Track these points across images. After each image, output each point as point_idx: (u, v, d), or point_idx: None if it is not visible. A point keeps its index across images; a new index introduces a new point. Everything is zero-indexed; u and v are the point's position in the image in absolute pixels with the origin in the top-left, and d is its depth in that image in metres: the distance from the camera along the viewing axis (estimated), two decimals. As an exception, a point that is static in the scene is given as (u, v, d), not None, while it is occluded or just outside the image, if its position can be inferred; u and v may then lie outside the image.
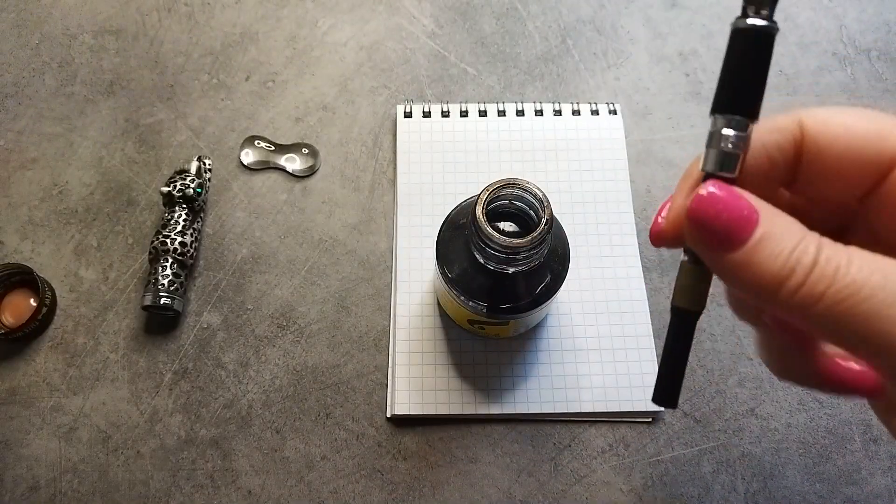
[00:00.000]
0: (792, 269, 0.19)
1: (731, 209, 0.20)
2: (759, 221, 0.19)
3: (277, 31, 0.55)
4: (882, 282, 0.18)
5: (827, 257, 0.18)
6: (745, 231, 0.19)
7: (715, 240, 0.20)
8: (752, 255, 0.19)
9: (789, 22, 0.56)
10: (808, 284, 0.18)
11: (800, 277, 0.18)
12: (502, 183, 0.35)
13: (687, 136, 0.52)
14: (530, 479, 0.42)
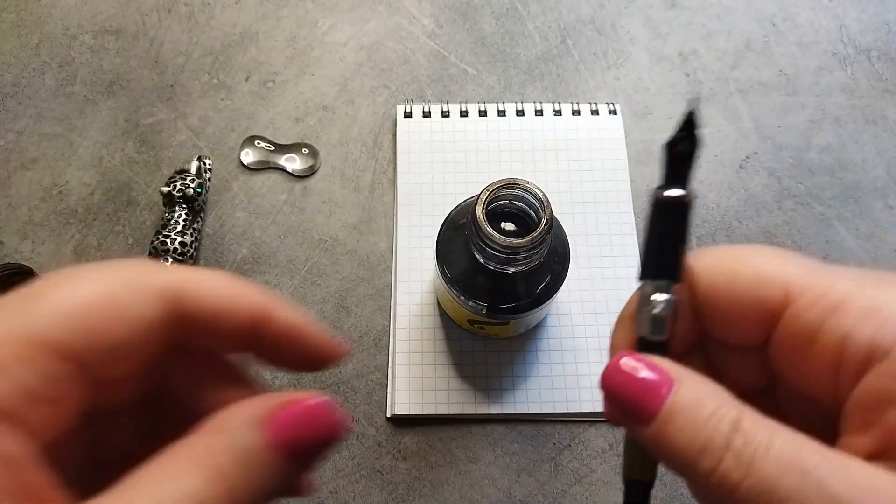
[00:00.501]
0: (702, 448, 0.17)
1: (639, 382, 0.19)
2: (669, 394, 0.18)
3: (277, 31, 0.55)
4: (797, 484, 0.16)
5: (745, 438, 0.17)
6: (654, 405, 0.18)
7: (626, 413, 0.19)
8: (661, 431, 0.18)
9: (789, 22, 0.56)
10: (722, 470, 0.17)
11: (712, 459, 0.17)
12: (502, 183, 0.35)
13: (687, 136, 0.52)
14: (530, 479, 0.42)
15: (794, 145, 0.51)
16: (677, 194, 0.20)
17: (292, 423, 0.17)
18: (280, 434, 0.16)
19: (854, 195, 0.50)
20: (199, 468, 0.15)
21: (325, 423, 0.17)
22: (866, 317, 0.18)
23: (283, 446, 0.16)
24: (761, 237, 0.48)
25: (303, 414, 0.17)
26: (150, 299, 0.17)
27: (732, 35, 0.56)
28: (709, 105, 0.53)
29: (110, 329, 0.16)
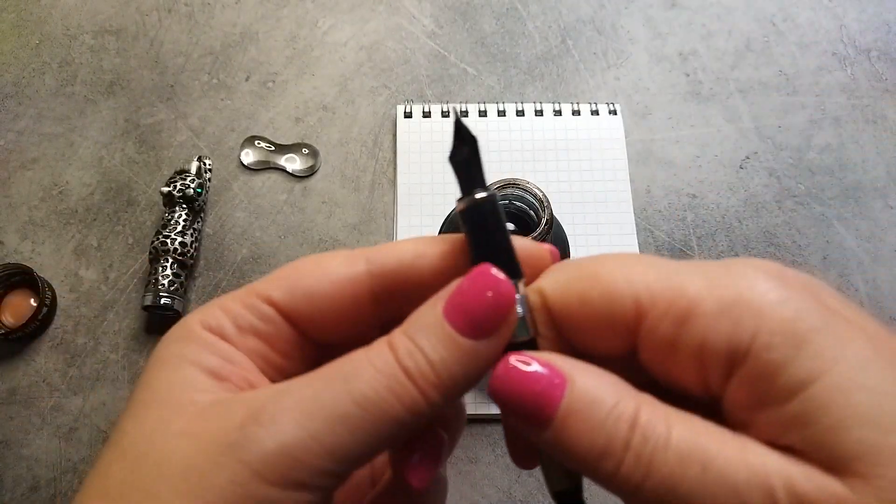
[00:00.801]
0: (602, 450, 0.17)
1: (532, 384, 0.18)
2: (563, 394, 0.18)
3: (277, 31, 0.55)
4: (698, 479, 0.16)
5: (643, 434, 0.17)
6: (550, 408, 0.18)
7: (522, 418, 0.19)
8: (560, 435, 0.18)
9: (789, 22, 0.56)
10: (624, 471, 0.17)
11: (613, 461, 0.17)
12: (502, 183, 0.35)
13: (687, 136, 0.52)
14: (530, 480, 0.42)
15: (794, 145, 0.51)
16: (480, 196, 0.20)
17: (460, 292, 0.19)
18: (451, 306, 0.19)
19: (854, 195, 0.50)
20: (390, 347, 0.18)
21: (486, 286, 0.19)
22: (719, 319, 0.17)
23: (454, 316, 0.18)
24: (761, 237, 0.48)
25: (468, 283, 0.19)
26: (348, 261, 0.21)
27: (732, 35, 0.56)
28: (709, 105, 0.53)
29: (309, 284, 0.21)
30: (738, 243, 0.48)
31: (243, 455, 0.17)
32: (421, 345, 0.18)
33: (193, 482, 0.17)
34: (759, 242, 0.48)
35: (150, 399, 0.19)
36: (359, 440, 0.17)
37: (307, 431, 0.17)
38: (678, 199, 0.50)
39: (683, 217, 0.49)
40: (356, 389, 0.18)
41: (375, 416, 0.17)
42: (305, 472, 0.17)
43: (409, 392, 0.18)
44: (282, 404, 0.18)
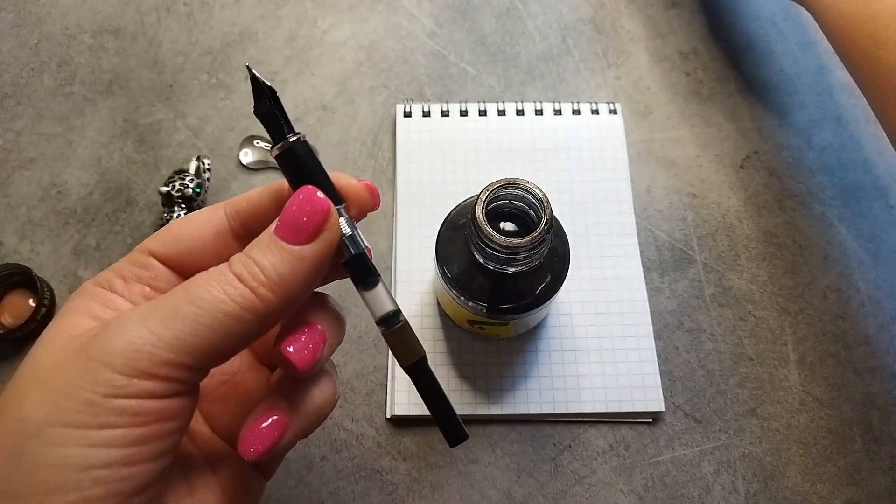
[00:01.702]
0: None
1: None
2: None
3: (276, 31, 0.55)
4: None
5: None
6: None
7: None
8: None
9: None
10: None
11: None
12: (502, 183, 0.35)
13: (687, 136, 0.52)
14: (530, 480, 0.42)
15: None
16: (292, 138, 0.24)
17: (284, 211, 0.23)
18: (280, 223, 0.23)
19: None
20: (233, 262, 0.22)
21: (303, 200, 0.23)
22: None
23: (281, 230, 0.22)
24: (762, 237, 0.48)
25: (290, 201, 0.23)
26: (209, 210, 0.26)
27: (733, 35, 0.55)
28: (709, 104, 0.53)
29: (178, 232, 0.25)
30: (738, 243, 0.48)
31: (92, 352, 0.20)
32: (251, 254, 0.22)
33: (51, 380, 0.20)
34: (760, 242, 0.48)
35: (39, 343, 0.22)
36: (199, 335, 0.20)
37: (147, 328, 0.20)
38: (679, 198, 0.49)
39: (684, 217, 0.49)
40: (192, 292, 0.21)
41: (211, 312, 0.20)
42: (147, 362, 0.20)
43: (241, 292, 0.21)
44: (129, 314, 0.21)
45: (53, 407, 0.19)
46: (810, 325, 0.46)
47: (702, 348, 0.45)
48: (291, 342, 0.23)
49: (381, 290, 0.25)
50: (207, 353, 0.21)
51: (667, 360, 0.45)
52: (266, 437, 0.23)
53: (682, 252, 0.48)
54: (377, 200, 0.26)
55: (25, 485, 0.19)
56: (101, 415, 0.19)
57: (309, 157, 0.24)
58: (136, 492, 0.20)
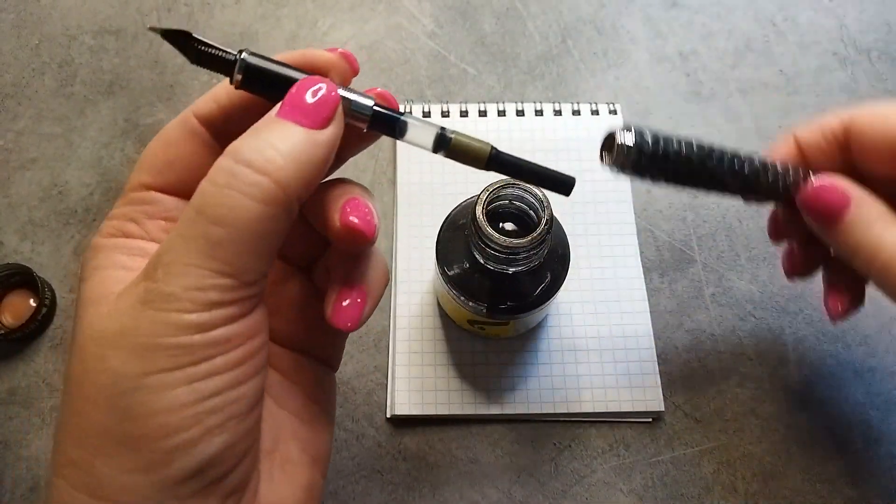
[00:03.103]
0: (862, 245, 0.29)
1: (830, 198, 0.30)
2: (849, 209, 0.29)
3: (277, 31, 0.55)
4: None
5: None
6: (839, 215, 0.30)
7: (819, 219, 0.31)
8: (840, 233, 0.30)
9: (789, 21, 0.56)
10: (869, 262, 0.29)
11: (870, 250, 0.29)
12: (502, 183, 0.35)
13: (687, 136, 0.51)
14: (531, 480, 0.42)
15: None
16: (244, 57, 0.23)
17: (291, 97, 0.22)
18: (286, 108, 0.22)
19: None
20: None
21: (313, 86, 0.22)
22: None
23: (292, 114, 0.21)
24: (762, 237, 0.48)
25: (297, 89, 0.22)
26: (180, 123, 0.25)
27: (733, 35, 0.56)
28: (709, 105, 0.53)
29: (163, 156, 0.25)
30: (738, 243, 0.48)
31: (156, 304, 0.20)
32: (263, 136, 0.21)
33: (127, 338, 0.20)
34: (760, 242, 0.48)
35: (81, 308, 0.22)
36: (242, 251, 0.20)
37: (194, 266, 0.20)
38: (679, 198, 0.50)
39: (684, 217, 0.49)
40: (210, 212, 0.20)
41: (240, 226, 0.20)
42: (213, 294, 0.20)
43: (259, 188, 0.20)
44: (166, 258, 0.20)
45: (144, 359, 0.19)
46: (810, 325, 0.46)
47: (701, 348, 0.45)
48: (352, 213, 0.23)
49: (415, 123, 0.24)
50: (258, 261, 0.20)
51: (667, 360, 0.45)
52: (355, 307, 0.24)
53: (682, 252, 0.48)
54: (356, 65, 0.25)
55: (144, 434, 0.19)
56: (194, 351, 0.20)
57: (268, 60, 0.23)
58: (250, 409, 0.21)
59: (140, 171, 0.24)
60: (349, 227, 0.23)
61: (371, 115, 0.24)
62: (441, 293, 0.43)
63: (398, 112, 0.24)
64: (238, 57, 0.22)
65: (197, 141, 0.25)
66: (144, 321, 0.20)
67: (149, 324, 0.19)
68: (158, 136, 0.25)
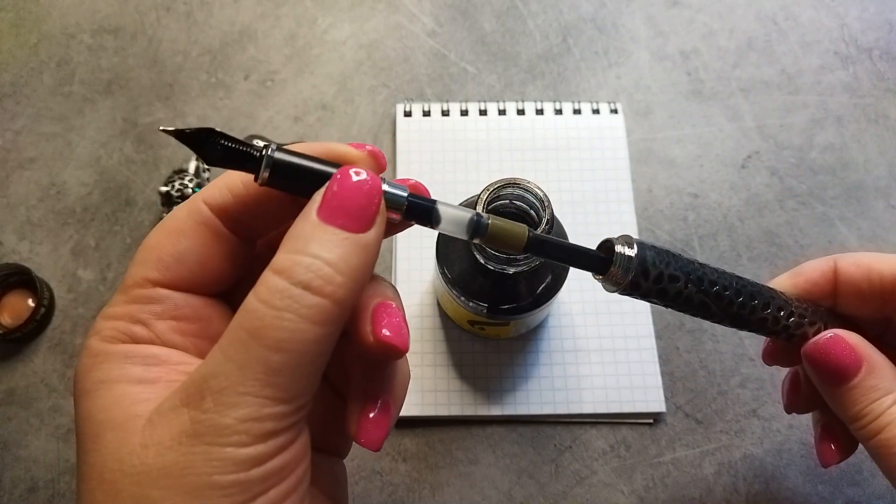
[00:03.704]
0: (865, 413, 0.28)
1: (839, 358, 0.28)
2: (860, 371, 0.28)
3: (276, 30, 0.55)
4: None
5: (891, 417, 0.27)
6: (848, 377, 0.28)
7: (825, 377, 0.29)
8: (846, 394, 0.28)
9: (791, 20, 0.56)
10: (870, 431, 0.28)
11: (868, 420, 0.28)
12: (503, 182, 0.35)
13: (688, 136, 0.51)
14: (531, 481, 0.42)
15: (795, 145, 0.51)
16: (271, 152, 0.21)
17: (333, 196, 0.20)
18: (327, 210, 0.20)
19: (856, 195, 0.50)
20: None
21: (356, 183, 0.20)
22: None
23: (336, 218, 0.20)
24: (763, 237, 0.48)
25: (339, 185, 0.20)
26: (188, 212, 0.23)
27: (734, 34, 0.55)
28: (710, 104, 0.53)
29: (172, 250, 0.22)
30: (739, 243, 0.48)
31: (208, 438, 0.18)
32: (312, 251, 0.19)
33: (175, 477, 0.18)
34: (761, 242, 0.48)
35: (97, 430, 0.19)
36: (299, 376, 0.19)
37: (250, 394, 0.18)
38: (680, 198, 0.49)
39: (685, 217, 0.49)
40: (268, 336, 0.18)
41: (300, 351, 0.18)
42: (270, 424, 0.18)
43: (318, 309, 0.19)
44: (215, 387, 0.18)
45: (197, 500, 0.18)
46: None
47: (703, 349, 0.45)
48: (384, 327, 0.21)
49: (449, 211, 0.23)
50: (313, 383, 0.19)
51: (668, 361, 0.45)
52: (382, 422, 0.23)
53: (684, 252, 0.48)
54: (383, 162, 0.24)
55: None
56: (251, 487, 0.18)
57: (296, 155, 0.21)
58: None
59: (144, 264, 0.22)
60: (383, 342, 0.21)
61: (406, 206, 0.22)
62: (441, 293, 0.43)
63: (431, 201, 0.23)
64: (265, 153, 0.21)
65: (209, 232, 0.22)
66: (197, 458, 0.18)
67: (203, 461, 0.18)
68: (163, 225, 0.23)
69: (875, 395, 0.27)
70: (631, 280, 0.26)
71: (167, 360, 0.21)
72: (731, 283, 0.28)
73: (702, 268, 0.28)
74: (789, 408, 0.34)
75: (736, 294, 0.28)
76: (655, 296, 0.27)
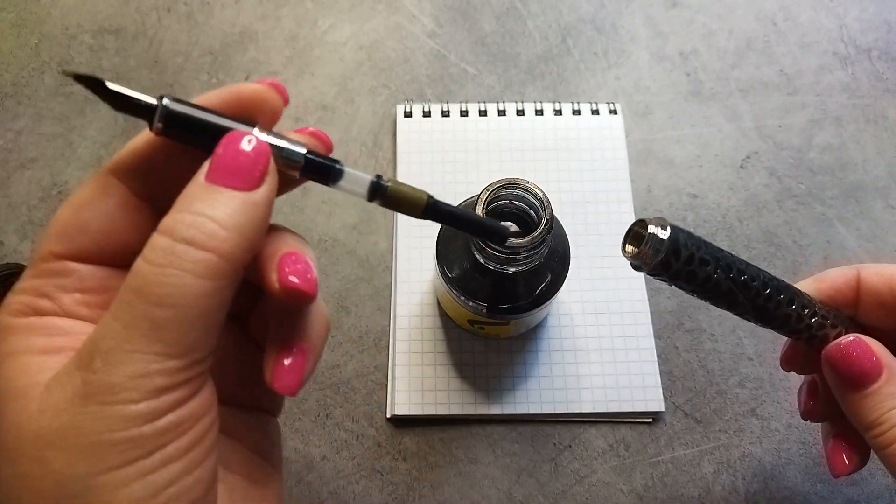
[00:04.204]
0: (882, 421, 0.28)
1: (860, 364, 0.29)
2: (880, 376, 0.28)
3: (277, 31, 0.55)
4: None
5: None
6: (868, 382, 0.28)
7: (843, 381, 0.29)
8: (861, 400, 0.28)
9: (790, 21, 0.56)
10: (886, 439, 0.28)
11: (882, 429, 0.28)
12: (502, 183, 0.35)
13: (688, 136, 0.52)
14: (530, 480, 0.42)
15: (794, 145, 0.51)
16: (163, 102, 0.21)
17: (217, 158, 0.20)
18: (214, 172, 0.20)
19: (855, 195, 0.50)
20: None
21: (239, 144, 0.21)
22: None
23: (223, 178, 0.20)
24: (762, 237, 0.48)
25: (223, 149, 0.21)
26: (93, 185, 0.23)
27: (733, 34, 0.55)
28: (710, 104, 0.53)
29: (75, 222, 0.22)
30: (738, 243, 0.48)
31: (100, 397, 0.18)
32: (197, 209, 0.19)
33: (70, 438, 0.18)
34: (760, 242, 0.48)
35: (2, 405, 0.20)
36: (189, 330, 0.19)
37: (137, 351, 0.18)
38: (679, 198, 0.50)
39: (684, 217, 0.49)
40: (152, 292, 0.18)
41: (186, 306, 0.19)
42: (160, 380, 0.19)
43: (204, 263, 0.19)
44: (103, 344, 0.19)
45: (91, 458, 0.18)
46: (810, 325, 0.46)
47: (702, 348, 0.45)
48: (290, 273, 0.22)
49: (350, 171, 0.23)
50: (206, 337, 0.19)
51: (667, 360, 0.45)
52: (296, 368, 0.23)
53: (683, 252, 0.48)
54: (285, 94, 0.24)
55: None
56: (145, 443, 0.18)
57: (191, 106, 0.21)
58: (207, 489, 0.20)
59: (49, 238, 0.22)
60: (288, 287, 0.21)
61: (303, 164, 0.22)
62: (441, 293, 0.43)
63: (332, 160, 0.23)
64: (159, 103, 0.21)
65: (113, 200, 0.22)
66: (88, 417, 0.18)
67: (93, 420, 0.18)
68: (70, 198, 0.22)
69: (893, 402, 0.27)
70: (662, 260, 0.26)
71: (71, 331, 0.21)
72: (758, 275, 0.28)
73: (731, 256, 0.28)
74: (806, 415, 0.34)
75: (763, 286, 0.28)
76: (685, 278, 0.27)
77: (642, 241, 0.26)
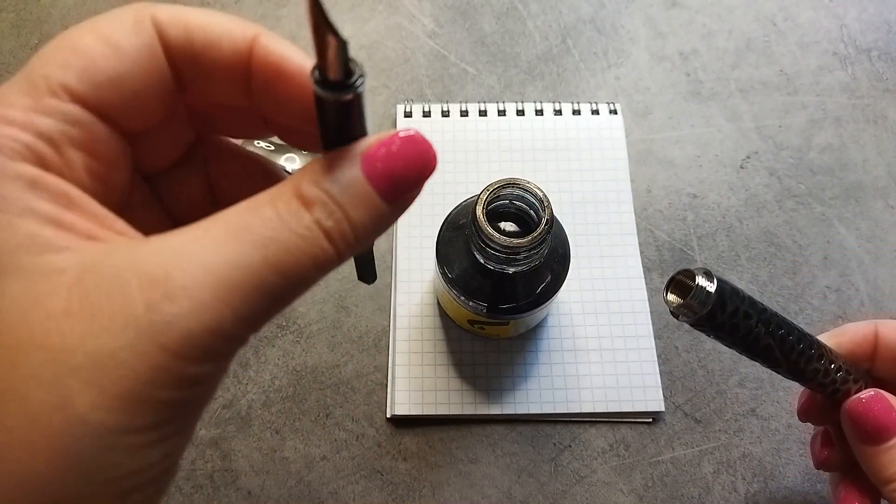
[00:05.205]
0: None
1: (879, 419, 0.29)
2: None
3: (277, 31, 0.54)
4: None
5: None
6: (886, 437, 0.29)
7: (861, 435, 0.30)
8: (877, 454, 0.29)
9: (790, 21, 0.56)
10: None
11: None
12: (502, 183, 0.35)
13: (687, 136, 0.52)
14: (530, 480, 0.42)
15: (794, 145, 0.51)
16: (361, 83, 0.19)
17: (387, 156, 0.18)
18: (376, 167, 0.17)
19: (855, 195, 0.50)
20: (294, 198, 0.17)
21: (418, 152, 0.18)
22: None
23: (380, 180, 0.17)
24: (762, 237, 0.48)
25: (398, 145, 0.18)
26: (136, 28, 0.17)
27: (733, 34, 0.55)
28: (709, 105, 0.53)
29: (108, 66, 0.16)
30: (738, 243, 0.48)
31: (163, 339, 0.14)
32: (344, 205, 0.17)
33: (111, 371, 0.14)
34: (760, 242, 0.48)
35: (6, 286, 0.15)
36: (278, 306, 0.17)
37: (230, 308, 0.15)
38: (679, 198, 0.50)
39: (684, 217, 0.49)
40: (276, 258, 0.16)
41: (295, 282, 0.17)
42: (226, 344, 0.16)
43: (326, 255, 0.17)
44: (192, 274, 0.15)
45: (123, 413, 0.14)
46: (810, 325, 0.46)
47: (702, 348, 0.45)
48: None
49: None
50: (268, 320, 0.17)
51: (667, 360, 0.45)
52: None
53: (682, 252, 0.48)
54: None
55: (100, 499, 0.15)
56: (177, 407, 0.16)
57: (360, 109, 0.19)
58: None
59: (66, 69, 0.16)
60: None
61: None
62: (441, 293, 0.43)
63: None
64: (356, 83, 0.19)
65: (155, 67, 0.17)
66: (139, 358, 0.14)
67: (141, 363, 0.14)
68: (96, 26, 0.17)
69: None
70: (707, 313, 0.26)
71: (79, 205, 0.16)
72: (793, 329, 0.29)
73: (768, 309, 0.28)
74: (821, 465, 0.35)
75: (798, 340, 0.28)
76: (728, 331, 0.27)
77: (687, 291, 0.26)
